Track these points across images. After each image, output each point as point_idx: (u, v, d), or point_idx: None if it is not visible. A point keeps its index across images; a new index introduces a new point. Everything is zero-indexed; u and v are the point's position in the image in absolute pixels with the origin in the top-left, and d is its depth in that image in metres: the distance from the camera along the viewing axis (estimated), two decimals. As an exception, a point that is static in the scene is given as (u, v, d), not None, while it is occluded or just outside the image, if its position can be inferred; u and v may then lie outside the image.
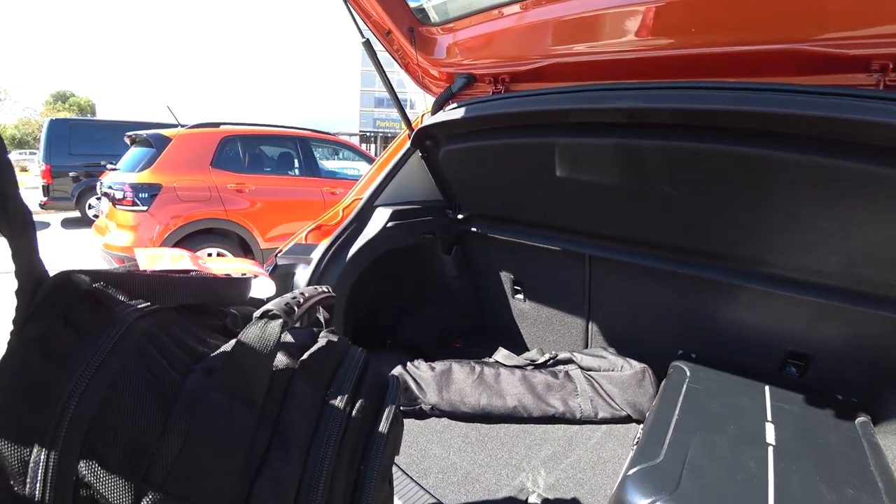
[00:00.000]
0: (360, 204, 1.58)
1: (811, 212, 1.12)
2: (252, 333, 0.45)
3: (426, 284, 1.98)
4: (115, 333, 0.41)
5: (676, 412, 1.23)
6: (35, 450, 0.35)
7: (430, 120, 1.49)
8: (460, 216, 1.80)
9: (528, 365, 1.65)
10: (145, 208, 4.09)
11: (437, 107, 1.61)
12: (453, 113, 1.41)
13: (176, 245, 4.18)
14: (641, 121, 1.18)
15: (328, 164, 5.85)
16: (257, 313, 0.48)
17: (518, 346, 1.96)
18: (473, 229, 1.79)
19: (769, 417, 1.22)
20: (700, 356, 1.53)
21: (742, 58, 1.13)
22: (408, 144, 1.63)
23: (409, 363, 1.60)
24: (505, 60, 1.49)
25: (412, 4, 1.56)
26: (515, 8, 1.38)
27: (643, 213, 1.39)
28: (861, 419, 1.25)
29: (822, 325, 1.34)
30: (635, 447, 1.17)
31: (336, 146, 5.92)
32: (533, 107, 1.24)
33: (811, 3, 1.02)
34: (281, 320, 0.47)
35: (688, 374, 1.43)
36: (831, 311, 1.27)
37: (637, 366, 1.56)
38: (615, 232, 1.50)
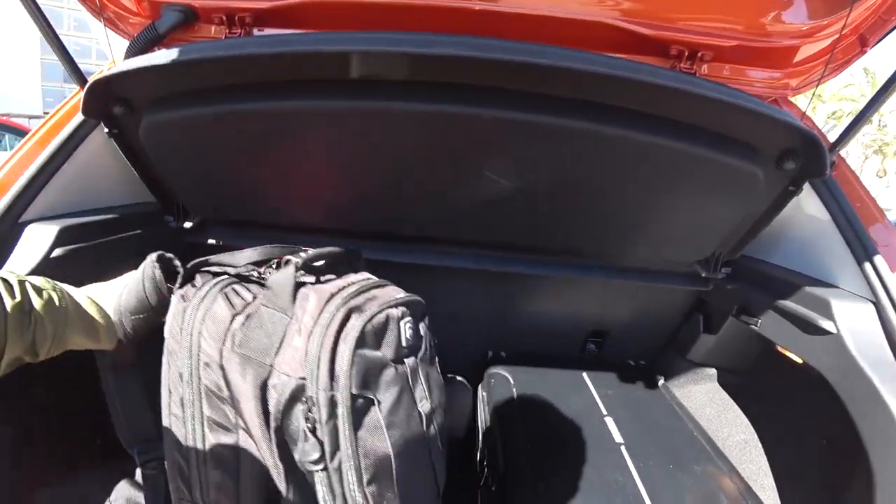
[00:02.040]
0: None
1: (601, 195, 1.04)
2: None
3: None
4: None
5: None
6: None
7: (117, 68, 0.87)
8: (188, 223, 1.16)
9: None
10: None
11: (132, 54, 1.01)
12: (156, 57, 0.84)
13: None
14: (425, 77, 0.86)
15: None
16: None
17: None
18: (211, 241, 1.21)
19: (604, 412, 1.18)
20: (510, 354, 1.42)
21: (548, 23, 0.96)
22: (80, 114, 0.95)
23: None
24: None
25: None
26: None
27: (429, 205, 1.14)
28: (661, 382, 1.34)
29: (613, 302, 1.37)
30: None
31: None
32: (279, 48, 0.79)
33: None
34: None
35: (511, 380, 1.29)
36: (620, 287, 1.30)
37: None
38: (396, 230, 1.21)
